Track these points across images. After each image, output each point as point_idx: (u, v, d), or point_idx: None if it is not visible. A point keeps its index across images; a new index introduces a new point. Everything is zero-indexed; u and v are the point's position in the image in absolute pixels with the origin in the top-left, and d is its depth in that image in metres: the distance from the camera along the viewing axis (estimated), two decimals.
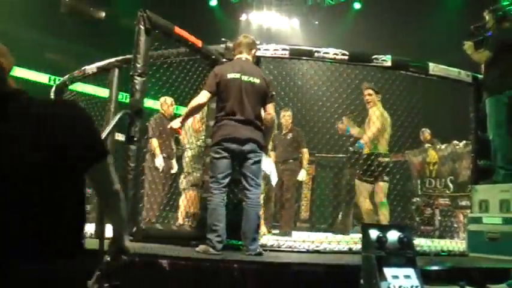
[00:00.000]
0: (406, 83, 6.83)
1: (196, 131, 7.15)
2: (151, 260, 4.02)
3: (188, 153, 7.25)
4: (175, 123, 5.25)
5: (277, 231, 8.78)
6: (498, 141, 6.21)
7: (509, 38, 6.47)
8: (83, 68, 7.35)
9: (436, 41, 15.29)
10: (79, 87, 8.30)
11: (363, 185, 7.45)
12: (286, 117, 8.95)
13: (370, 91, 7.47)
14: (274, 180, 7.69)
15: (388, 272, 3.29)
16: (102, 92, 7.71)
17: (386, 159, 7.43)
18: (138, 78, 4.97)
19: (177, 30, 5.44)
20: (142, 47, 5.03)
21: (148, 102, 7.12)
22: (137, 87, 4.96)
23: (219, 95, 5.07)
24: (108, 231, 4.24)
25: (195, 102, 5.15)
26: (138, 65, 4.98)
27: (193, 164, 7.03)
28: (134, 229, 4.87)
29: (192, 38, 5.62)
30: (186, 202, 6.96)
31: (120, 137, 7.00)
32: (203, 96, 5.08)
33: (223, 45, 5.95)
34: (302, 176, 9.17)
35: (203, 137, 6.89)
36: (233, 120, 4.93)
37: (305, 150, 9.09)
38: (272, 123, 5.35)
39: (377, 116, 7.27)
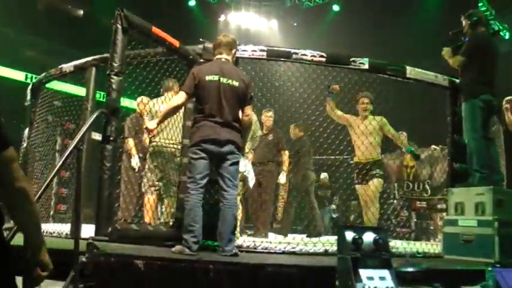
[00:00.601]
0: (383, 86, 6.88)
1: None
2: (126, 260, 3.99)
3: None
4: (151, 124, 5.22)
5: (251, 232, 8.80)
6: (473, 145, 6.27)
7: (481, 43, 6.56)
8: (59, 67, 7.29)
9: (416, 45, 15.43)
10: (56, 85, 8.24)
11: None
12: (268, 117, 8.92)
13: (367, 99, 7.58)
14: (251, 181, 7.69)
15: (363, 273, 3.31)
16: (80, 91, 7.65)
17: None
18: (115, 77, 4.94)
19: (155, 30, 5.42)
20: (119, 46, 5.00)
21: (125, 102, 7.06)
22: (114, 86, 4.93)
23: (197, 97, 5.05)
24: (84, 231, 4.24)
25: (172, 103, 5.14)
26: (115, 64, 4.95)
27: (149, 164, 6.99)
28: (110, 229, 4.84)
29: (169, 38, 5.61)
30: (148, 206, 6.90)
31: (96, 136, 6.95)
32: (181, 97, 5.06)
33: (201, 46, 5.94)
34: (283, 179, 9.14)
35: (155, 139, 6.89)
36: (212, 121, 4.92)
37: (286, 153, 9.07)
38: (249, 124, 5.36)
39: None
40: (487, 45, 6.56)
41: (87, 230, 4.79)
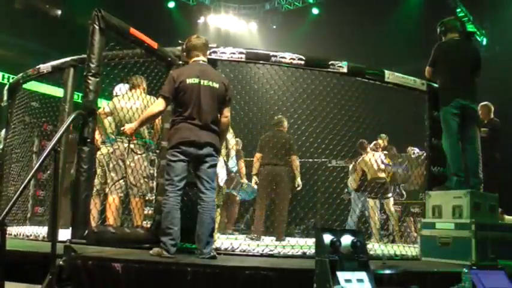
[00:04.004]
0: (362, 89, 6.91)
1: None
2: (104, 263, 3.98)
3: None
4: (130, 128, 5.21)
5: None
6: (449, 150, 6.36)
7: (442, 51, 6.66)
8: (37, 67, 7.20)
9: (396, 48, 15.52)
10: (33, 86, 8.16)
11: None
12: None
13: None
14: (222, 177, 7.72)
15: (341, 275, 3.34)
16: (57, 92, 7.58)
17: None
18: (92, 78, 4.89)
19: (133, 31, 5.39)
20: (97, 46, 4.95)
21: (103, 103, 7.00)
22: (91, 87, 4.88)
23: (177, 100, 5.04)
24: (61, 234, 4.20)
25: (154, 109, 5.11)
26: (92, 65, 4.90)
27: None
28: (86, 232, 4.80)
29: (147, 40, 5.58)
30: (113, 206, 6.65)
31: None
32: (161, 102, 5.04)
33: (179, 48, 5.92)
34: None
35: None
36: (191, 124, 4.93)
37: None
38: (227, 126, 5.36)
39: None
40: (451, 52, 6.64)
41: (65, 233, 4.74)
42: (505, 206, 9.86)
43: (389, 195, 10.05)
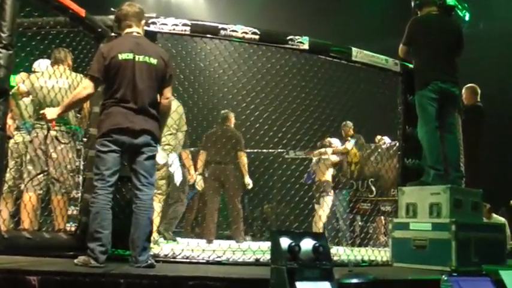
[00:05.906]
0: (325, 69, 6.90)
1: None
2: (16, 276, 3.84)
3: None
4: (51, 114, 5.06)
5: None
6: (426, 138, 6.39)
7: (417, 28, 6.73)
8: None
9: (365, 23, 15.61)
10: None
11: None
12: None
13: None
14: (178, 178, 7.75)
15: (301, 286, 3.30)
16: None
17: None
18: (3, 50, 4.71)
19: None
20: (9, 12, 4.76)
21: (17, 80, 6.79)
22: (1, 62, 4.72)
23: (108, 79, 4.93)
24: None
25: (81, 92, 4.99)
26: (3, 35, 4.72)
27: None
28: None
29: (73, 6, 5.43)
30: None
31: None
32: (89, 84, 4.93)
33: (112, 17, 5.79)
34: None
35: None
36: (124, 108, 4.83)
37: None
38: (168, 109, 5.26)
39: None
40: (428, 28, 6.71)
41: None
42: (494, 203, 10.01)
43: (324, 194, 10.21)
